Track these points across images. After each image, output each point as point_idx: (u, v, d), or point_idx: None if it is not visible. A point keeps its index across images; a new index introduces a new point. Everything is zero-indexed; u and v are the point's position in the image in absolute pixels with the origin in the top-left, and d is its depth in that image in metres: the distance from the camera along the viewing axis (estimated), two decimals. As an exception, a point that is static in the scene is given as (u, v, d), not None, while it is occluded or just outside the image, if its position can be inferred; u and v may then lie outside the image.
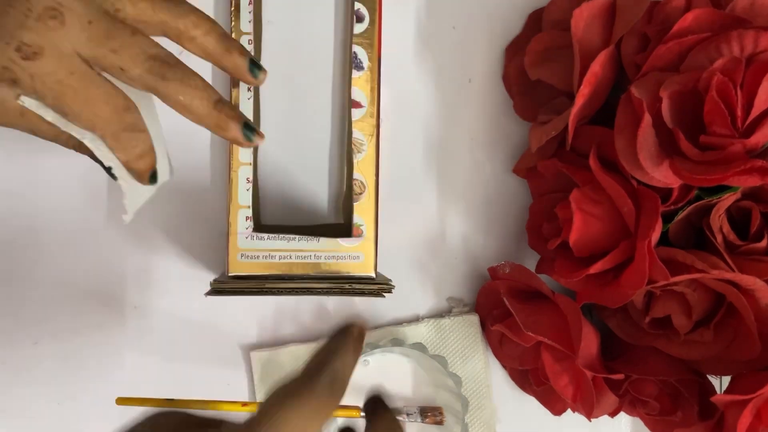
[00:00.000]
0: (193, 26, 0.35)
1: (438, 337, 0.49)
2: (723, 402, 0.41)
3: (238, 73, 0.36)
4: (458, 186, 0.50)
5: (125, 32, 0.33)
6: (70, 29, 0.32)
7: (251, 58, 0.36)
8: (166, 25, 0.34)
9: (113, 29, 0.33)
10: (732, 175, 0.35)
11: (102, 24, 0.33)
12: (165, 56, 0.34)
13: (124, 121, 0.34)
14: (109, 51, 0.33)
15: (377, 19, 0.45)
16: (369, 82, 0.45)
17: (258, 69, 0.36)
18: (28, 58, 0.32)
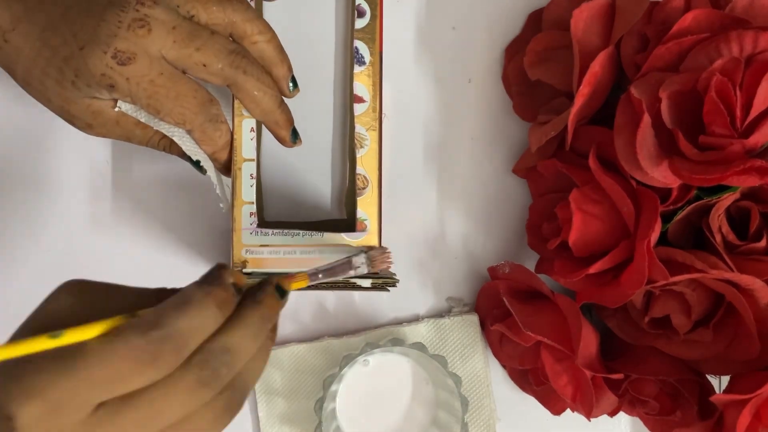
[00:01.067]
0: (258, 32, 0.39)
1: (438, 337, 0.49)
2: (722, 402, 0.41)
3: (280, 82, 0.40)
4: (458, 186, 0.50)
5: (205, 32, 0.37)
6: (157, 35, 0.36)
7: (293, 75, 0.41)
8: (234, 26, 0.38)
9: (195, 31, 0.37)
10: (731, 175, 0.35)
11: (184, 28, 0.37)
12: (244, 52, 0.38)
13: (210, 112, 0.38)
14: (194, 50, 0.37)
15: (378, 14, 0.45)
16: (371, 77, 0.45)
17: (294, 85, 0.41)
18: (123, 63, 0.36)
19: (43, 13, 0.36)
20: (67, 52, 0.36)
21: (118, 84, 0.36)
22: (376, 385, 0.49)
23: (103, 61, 0.36)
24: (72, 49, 0.36)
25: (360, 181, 0.45)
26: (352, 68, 0.45)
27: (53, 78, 0.36)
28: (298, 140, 0.42)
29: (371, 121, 0.45)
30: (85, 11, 0.36)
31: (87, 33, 0.36)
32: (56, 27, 0.36)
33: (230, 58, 0.37)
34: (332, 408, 0.48)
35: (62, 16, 0.36)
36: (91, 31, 0.36)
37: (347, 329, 0.49)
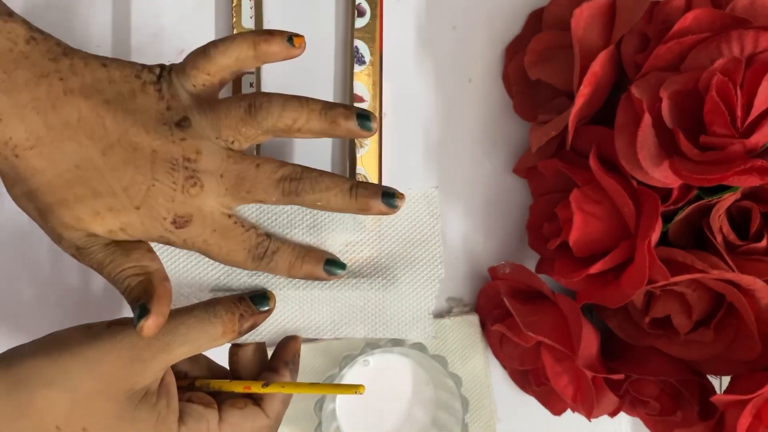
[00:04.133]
0: (293, 120, 0.37)
1: (438, 337, 0.49)
2: (723, 402, 0.41)
3: (353, 135, 0.38)
4: (458, 186, 0.50)
5: (251, 169, 0.37)
6: (209, 191, 0.36)
7: (357, 112, 0.37)
8: (273, 132, 0.37)
9: (241, 172, 0.36)
10: (732, 175, 0.35)
11: (231, 173, 0.36)
12: (291, 173, 0.37)
13: (256, 255, 0.38)
14: (245, 193, 0.37)
15: (378, 14, 0.45)
16: (371, 76, 0.45)
17: (367, 119, 0.37)
18: (181, 227, 0.36)
19: (75, 143, 0.35)
20: (116, 204, 0.35)
21: (175, 242, 0.37)
22: (376, 386, 0.48)
23: (163, 226, 0.36)
24: (123, 204, 0.35)
25: (360, 181, 0.45)
26: (353, 67, 0.45)
27: (75, 214, 0.35)
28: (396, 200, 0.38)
29: (371, 120, 0.45)
30: (130, 161, 0.35)
31: (140, 192, 0.35)
32: (98, 169, 0.35)
33: (279, 188, 0.37)
34: (332, 408, 0.48)
35: (102, 158, 0.35)
36: (144, 191, 0.35)
37: (347, 329, 0.49)
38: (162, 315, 0.35)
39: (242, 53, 0.36)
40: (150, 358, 0.35)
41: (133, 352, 0.35)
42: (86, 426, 0.35)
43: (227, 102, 0.36)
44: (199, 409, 0.37)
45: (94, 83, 0.35)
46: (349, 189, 0.37)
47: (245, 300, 0.39)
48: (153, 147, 0.35)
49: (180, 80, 0.36)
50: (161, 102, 0.36)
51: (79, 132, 0.35)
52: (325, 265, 0.39)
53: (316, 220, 0.44)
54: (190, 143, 0.35)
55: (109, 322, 0.36)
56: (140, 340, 0.35)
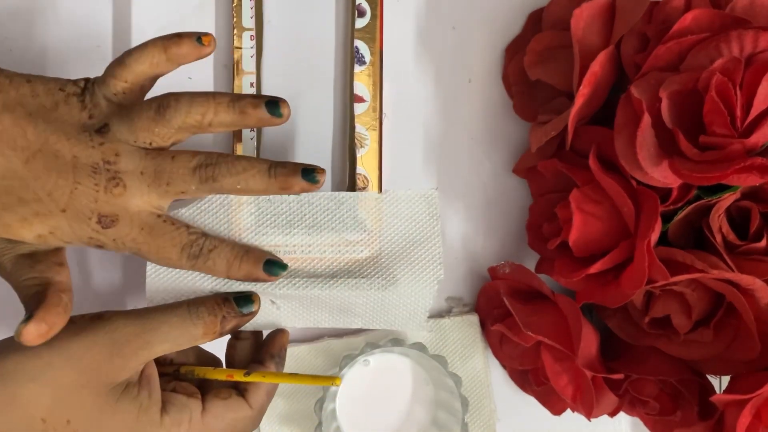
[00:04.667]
0: (202, 115, 0.37)
1: (438, 337, 0.49)
2: (722, 402, 0.41)
3: (264, 123, 0.38)
4: (458, 186, 0.50)
5: (166, 161, 0.37)
6: (132, 189, 0.37)
7: (266, 100, 0.38)
8: (185, 129, 0.38)
9: (158, 166, 0.37)
10: (732, 173, 0.35)
11: (149, 168, 0.37)
12: (206, 160, 0.38)
13: (191, 254, 0.38)
14: (166, 186, 0.37)
15: (379, 14, 0.45)
16: (371, 77, 0.45)
17: (276, 106, 0.38)
18: (108, 227, 0.37)
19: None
20: (42, 209, 0.36)
21: (106, 244, 0.37)
22: (376, 386, 0.49)
23: (89, 226, 0.37)
24: (49, 208, 0.36)
25: (360, 181, 0.45)
26: (353, 68, 0.46)
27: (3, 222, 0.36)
28: (317, 174, 0.39)
29: (371, 120, 0.45)
30: (53, 167, 0.36)
31: (64, 195, 0.36)
32: (22, 178, 0.36)
33: (196, 176, 0.37)
34: (332, 408, 0.48)
35: (25, 167, 0.36)
36: (68, 193, 0.36)
37: (347, 329, 0.49)
38: (45, 323, 0.35)
39: (155, 58, 0.38)
40: (130, 354, 0.36)
41: (114, 348, 0.36)
42: (70, 418, 0.36)
43: (140, 105, 0.37)
44: (182, 399, 0.38)
45: (18, 98, 0.36)
46: (267, 169, 0.38)
47: (229, 302, 0.39)
48: (73, 153, 0.36)
49: (101, 89, 0.37)
50: (83, 112, 0.37)
51: (1, 144, 0.36)
52: (264, 265, 0.40)
53: (315, 220, 0.44)
54: (109, 147, 0.37)
55: (91, 316, 0.37)
56: (122, 336, 0.36)
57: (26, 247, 0.37)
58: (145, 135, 0.37)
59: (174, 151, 0.38)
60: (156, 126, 0.37)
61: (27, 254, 0.37)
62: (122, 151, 0.37)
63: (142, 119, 0.37)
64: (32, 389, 0.35)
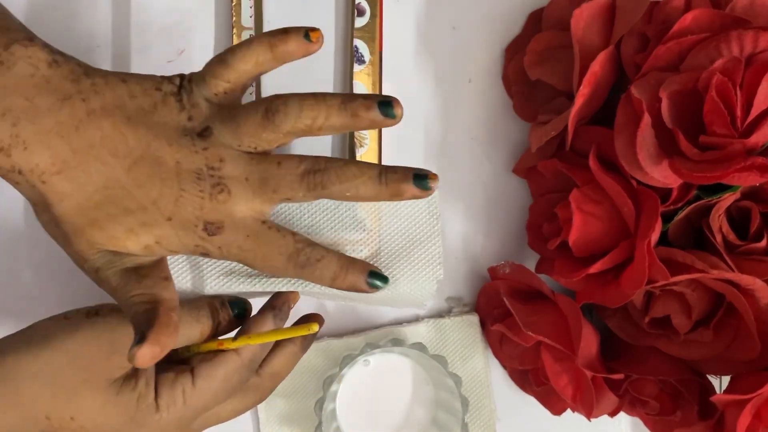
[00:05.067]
0: (312, 120, 0.36)
1: (438, 337, 0.49)
2: (723, 402, 0.41)
3: (377, 125, 0.36)
4: (458, 186, 0.50)
5: (272, 167, 0.36)
6: (237, 196, 0.36)
7: (379, 101, 0.36)
8: (294, 133, 0.36)
9: (263, 171, 0.36)
10: (732, 173, 0.35)
11: (255, 174, 0.36)
12: (314, 165, 0.36)
13: (298, 261, 0.37)
14: (272, 193, 0.36)
15: (378, 13, 0.45)
16: (371, 76, 0.45)
17: (389, 107, 0.36)
18: (214, 234, 0.36)
19: (100, 163, 0.35)
20: (148, 219, 0.35)
21: (211, 252, 0.36)
22: (376, 386, 0.49)
23: (196, 233, 0.36)
24: (155, 217, 0.35)
25: (360, 181, 0.45)
26: (352, 67, 0.46)
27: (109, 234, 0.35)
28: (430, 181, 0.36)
29: (371, 120, 0.45)
30: (156, 175, 0.35)
31: (169, 203, 0.35)
32: (125, 187, 0.35)
33: (304, 183, 0.36)
34: (332, 408, 0.48)
35: (128, 175, 0.35)
36: (173, 201, 0.35)
37: (347, 329, 0.49)
38: (159, 344, 0.33)
39: (261, 57, 0.36)
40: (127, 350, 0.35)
41: (112, 346, 0.36)
42: (73, 415, 0.35)
43: (245, 109, 0.36)
44: (170, 376, 0.37)
45: (115, 100, 0.35)
46: (378, 175, 0.36)
47: (226, 306, 0.39)
48: (176, 159, 0.35)
49: (200, 90, 0.36)
50: (182, 113, 0.36)
51: (103, 151, 0.35)
52: (368, 277, 0.38)
53: (315, 219, 0.44)
54: (213, 152, 0.35)
55: (86, 311, 0.37)
56: (119, 334, 0.36)
57: (131, 260, 0.36)
58: (250, 140, 0.36)
59: (280, 156, 0.36)
60: (264, 131, 0.36)
61: (133, 268, 0.36)
62: (226, 156, 0.35)
63: (248, 124, 0.35)
64: (33, 388, 0.35)
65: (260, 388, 0.41)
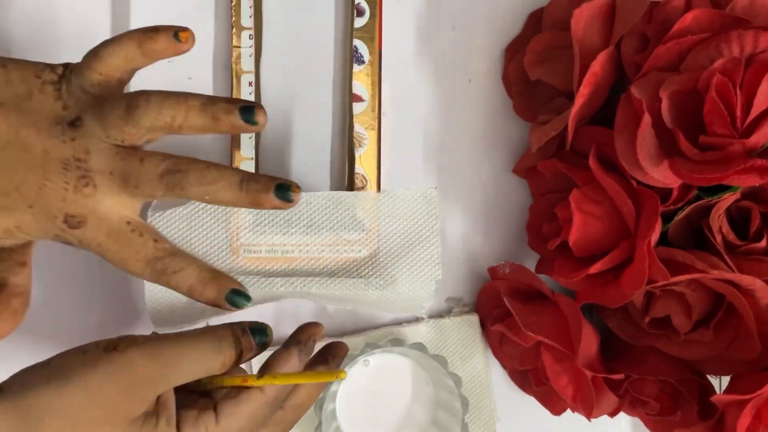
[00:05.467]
0: (171, 118, 0.36)
1: (438, 337, 0.49)
2: (723, 402, 0.41)
3: (237, 130, 0.36)
4: (458, 186, 0.50)
5: (135, 163, 0.36)
6: (102, 190, 0.35)
7: (241, 106, 0.36)
8: (155, 130, 0.36)
9: (126, 167, 0.36)
10: (732, 175, 0.35)
11: (118, 169, 0.35)
12: (175, 165, 0.36)
13: (155, 268, 0.37)
14: (134, 189, 0.36)
15: (378, 13, 0.45)
16: (370, 76, 0.45)
17: (251, 113, 0.36)
18: (75, 227, 0.35)
19: None
20: (9, 203, 0.35)
21: (72, 242, 0.36)
22: (376, 386, 0.48)
23: (56, 224, 0.35)
24: (16, 203, 0.35)
25: (359, 180, 0.45)
26: (351, 67, 0.45)
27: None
28: (292, 193, 0.36)
29: (370, 120, 0.45)
30: (22, 161, 0.35)
31: (31, 190, 0.35)
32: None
33: (163, 182, 0.36)
34: (332, 408, 0.48)
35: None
36: (36, 189, 0.35)
37: (347, 329, 0.49)
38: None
39: (129, 52, 0.36)
40: (148, 388, 0.34)
41: (131, 383, 0.34)
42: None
43: (111, 101, 0.36)
44: (193, 414, 0.36)
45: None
46: (238, 182, 0.36)
47: (248, 334, 0.37)
48: (44, 147, 0.35)
49: (78, 81, 0.36)
50: (58, 102, 0.36)
51: None
52: (228, 295, 0.38)
53: (314, 219, 0.44)
54: (80, 143, 0.35)
55: (105, 345, 0.35)
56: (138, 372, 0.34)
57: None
58: (115, 132, 0.36)
59: (144, 153, 0.36)
60: (125, 125, 0.36)
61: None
62: (93, 148, 0.35)
63: (113, 116, 0.35)
64: (54, 424, 0.33)
65: (284, 421, 0.39)
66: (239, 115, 0.36)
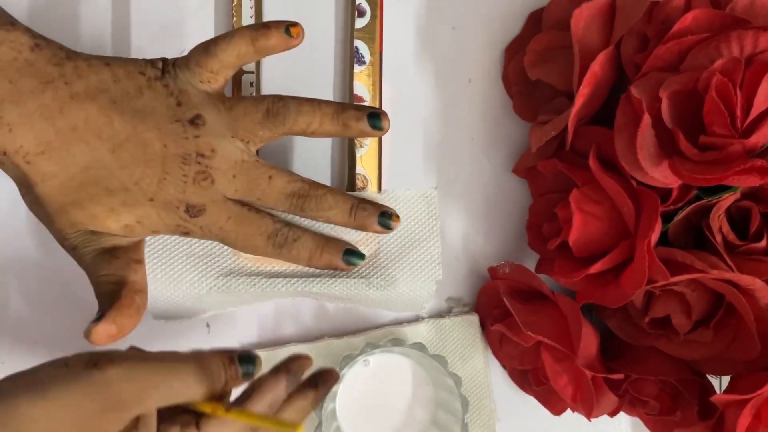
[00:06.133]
0: (307, 125, 0.38)
1: (438, 337, 0.49)
2: (722, 402, 0.41)
3: (366, 135, 0.39)
4: (458, 186, 0.50)
5: (263, 180, 0.38)
6: (220, 184, 0.37)
7: (368, 113, 0.39)
8: (287, 134, 0.38)
9: (253, 179, 0.38)
10: (731, 175, 0.35)
11: (244, 176, 0.38)
12: (300, 190, 0.39)
13: (277, 241, 0.39)
14: (256, 199, 0.38)
15: (378, 14, 0.45)
16: (371, 77, 0.45)
17: (378, 119, 0.39)
18: (196, 216, 0.37)
19: (84, 145, 0.35)
20: (129, 199, 0.36)
21: (193, 231, 0.38)
22: (376, 386, 0.49)
23: (177, 214, 0.37)
24: (136, 198, 0.36)
25: (359, 181, 0.45)
26: (352, 68, 0.46)
27: (90, 213, 0.36)
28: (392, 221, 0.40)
29: (371, 120, 0.45)
30: (140, 157, 0.36)
31: (151, 184, 0.36)
32: (109, 168, 0.36)
33: (288, 203, 0.38)
34: (332, 408, 0.48)
35: (112, 156, 0.36)
36: (156, 183, 0.36)
37: (347, 329, 0.49)
38: (116, 324, 0.34)
39: (242, 49, 0.37)
40: (123, 409, 0.33)
41: (107, 401, 0.33)
42: None
43: (244, 104, 0.37)
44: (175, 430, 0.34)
45: (99, 84, 0.36)
46: (349, 209, 0.39)
47: (235, 365, 0.36)
48: (164, 142, 0.36)
49: (186, 76, 0.37)
50: (170, 98, 0.37)
51: (87, 134, 0.35)
52: (344, 255, 0.40)
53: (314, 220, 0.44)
54: (205, 141, 0.36)
55: (86, 361, 0.34)
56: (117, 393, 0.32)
57: (109, 240, 0.37)
58: (245, 135, 0.37)
59: (272, 170, 0.38)
60: (261, 130, 0.37)
61: (108, 249, 0.37)
62: (219, 148, 0.37)
63: (247, 120, 0.37)
64: None
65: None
66: (367, 122, 0.39)
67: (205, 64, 0.37)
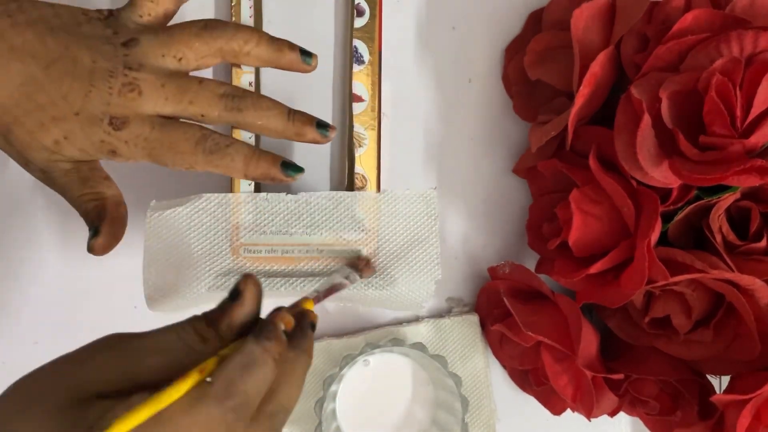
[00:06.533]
0: (244, 42, 0.39)
1: (438, 337, 0.49)
2: (722, 402, 0.41)
3: (294, 67, 0.40)
4: (458, 186, 0.50)
5: (194, 83, 0.38)
6: (148, 96, 0.37)
7: (300, 49, 0.40)
8: (222, 52, 0.39)
9: (183, 84, 0.38)
10: (731, 175, 0.35)
11: (173, 83, 0.38)
12: (233, 91, 0.39)
13: (206, 146, 0.38)
14: (187, 104, 0.38)
15: (378, 13, 0.45)
16: (370, 76, 0.45)
17: (309, 56, 0.41)
18: (119, 128, 0.37)
19: (19, 63, 0.36)
20: (57, 113, 0.37)
21: (119, 148, 0.38)
22: (376, 386, 0.49)
23: (101, 128, 0.37)
24: (63, 111, 0.37)
25: (358, 180, 0.45)
26: (351, 67, 0.45)
27: (27, 129, 0.37)
28: (329, 131, 0.40)
29: (370, 120, 0.45)
30: (70, 72, 0.37)
31: (78, 98, 0.37)
32: (40, 83, 0.36)
33: (223, 102, 0.38)
34: (332, 408, 0.48)
35: (44, 73, 0.36)
36: (82, 97, 0.37)
37: (347, 329, 0.49)
38: (112, 235, 0.37)
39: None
40: None
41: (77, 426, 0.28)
42: None
43: (182, 22, 0.39)
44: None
45: (41, 17, 0.37)
46: (287, 113, 0.39)
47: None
48: (93, 59, 0.37)
49: (126, 14, 0.39)
50: (107, 29, 0.38)
51: (23, 54, 0.36)
52: (282, 166, 0.40)
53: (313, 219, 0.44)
54: (134, 57, 0.37)
55: None
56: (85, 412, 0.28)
57: (64, 163, 0.38)
58: (180, 48, 0.38)
59: (201, 78, 0.39)
60: (197, 41, 0.38)
61: (72, 170, 0.38)
62: (147, 62, 0.37)
63: (184, 32, 0.38)
64: None
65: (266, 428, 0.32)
66: (299, 55, 0.40)
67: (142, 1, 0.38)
